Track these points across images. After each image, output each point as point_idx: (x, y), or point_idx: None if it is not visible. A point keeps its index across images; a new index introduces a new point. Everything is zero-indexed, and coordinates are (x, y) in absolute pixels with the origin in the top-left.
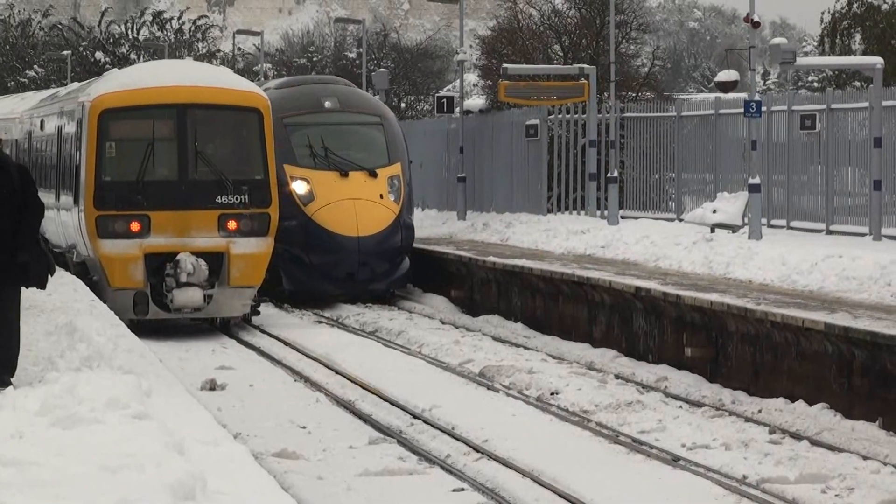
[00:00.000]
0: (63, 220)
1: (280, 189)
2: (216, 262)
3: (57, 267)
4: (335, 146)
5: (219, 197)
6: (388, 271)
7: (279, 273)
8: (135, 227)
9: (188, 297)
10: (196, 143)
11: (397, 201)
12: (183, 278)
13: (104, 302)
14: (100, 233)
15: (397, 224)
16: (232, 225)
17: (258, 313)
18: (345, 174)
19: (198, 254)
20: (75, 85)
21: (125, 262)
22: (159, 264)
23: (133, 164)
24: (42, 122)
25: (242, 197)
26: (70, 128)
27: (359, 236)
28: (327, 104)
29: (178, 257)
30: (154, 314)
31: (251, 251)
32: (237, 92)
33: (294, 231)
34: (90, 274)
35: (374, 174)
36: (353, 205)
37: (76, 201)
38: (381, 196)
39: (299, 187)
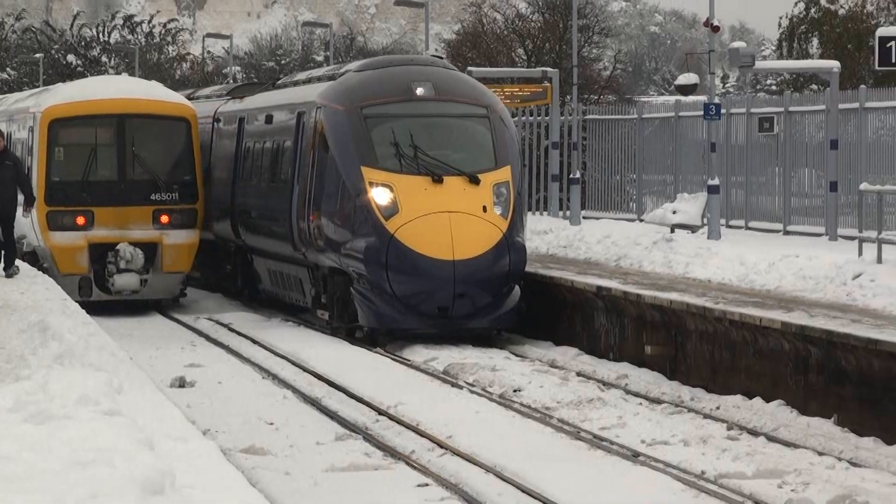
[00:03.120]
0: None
1: (355, 197)
2: (151, 251)
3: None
4: (427, 144)
5: (153, 194)
6: (492, 305)
7: (353, 305)
8: (80, 220)
9: (126, 281)
10: (133, 148)
11: (505, 215)
12: (122, 265)
13: None
14: (50, 226)
15: (504, 244)
16: (164, 219)
17: (185, 295)
18: (438, 180)
19: (135, 244)
20: (18, 95)
21: (72, 251)
22: (101, 253)
23: (78, 166)
24: None
25: (173, 194)
26: (21, 133)
27: (454, 260)
28: (419, 91)
29: (117, 247)
30: (97, 296)
31: (181, 241)
32: (168, 104)
33: (372, 252)
34: (40, 261)
35: (475, 180)
36: (448, 219)
37: None
38: (485, 208)
39: (380, 196)
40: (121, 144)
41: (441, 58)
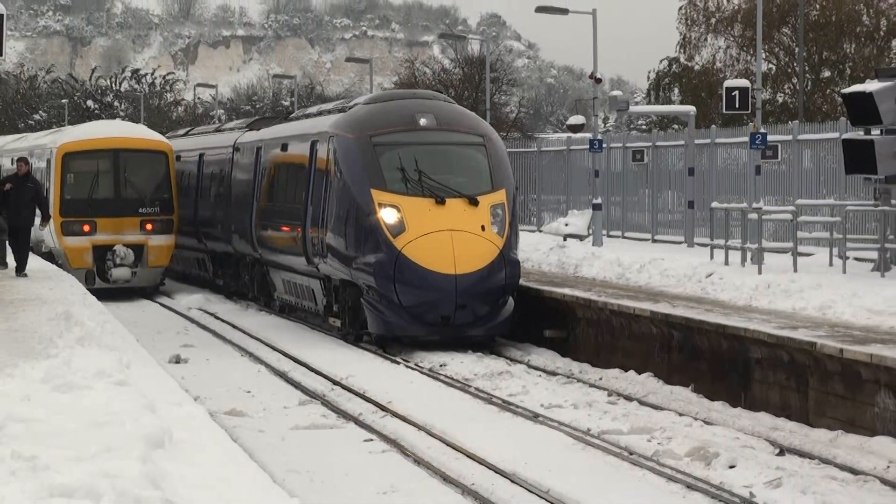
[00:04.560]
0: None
1: (366, 217)
2: (139, 250)
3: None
4: (430, 169)
5: (140, 208)
6: (489, 315)
7: (363, 314)
8: (86, 228)
9: (121, 273)
10: (125, 174)
11: (501, 234)
12: (118, 261)
13: None
14: (63, 232)
15: (501, 260)
16: (149, 226)
17: (164, 284)
18: (441, 201)
19: (127, 245)
20: (37, 133)
21: (80, 251)
22: (102, 252)
23: (84, 188)
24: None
25: (155, 208)
26: (41, 163)
27: (456, 274)
28: (422, 121)
29: (114, 248)
30: (99, 285)
31: (161, 243)
32: (151, 141)
33: (381, 266)
34: (55, 260)
35: (474, 202)
36: (450, 237)
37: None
38: (483, 227)
39: (388, 216)
40: (116, 171)
41: (440, 92)
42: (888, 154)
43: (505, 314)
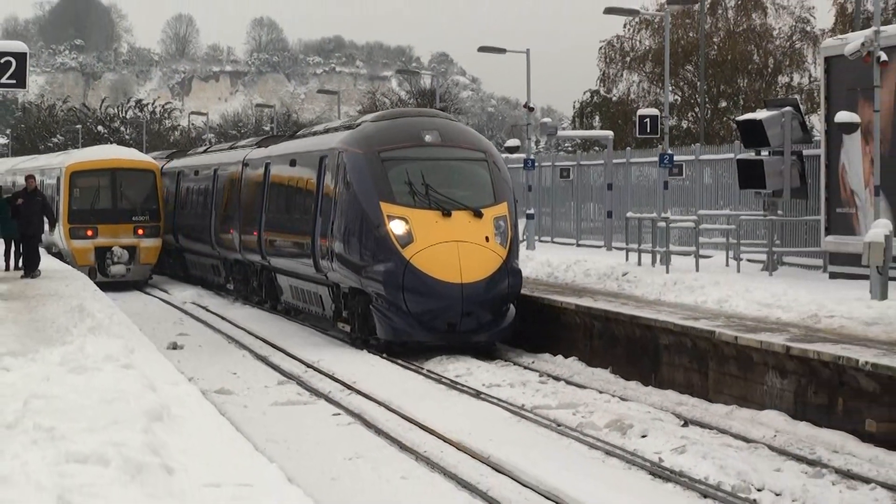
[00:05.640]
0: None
1: (375, 228)
2: (132, 251)
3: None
4: (436, 183)
5: (133, 217)
6: (492, 322)
7: (372, 320)
8: (89, 232)
9: (118, 269)
10: (120, 189)
11: (504, 244)
12: (115, 260)
13: None
14: (71, 236)
15: (504, 270)
16: (140, 231)
17: (151, 278)
18: (447, 214)
19: (123, 247)
20: (48, 155)
21: (85, 251)
22: (102, 252)
23: (88, 200)
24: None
25: (145, 217)
26: (52, 180)
27: (462, 283)
28: (428, 138)
29: (112, 249)
30: (100, 279)
31: (150, 245)
32: (141, 161)
33: (391, 275)
34: (64, 258)
35: (479, 214)
36: (456, 248)
37: (57, 219)
38: (487, 238)
39: (397, 227)
40: (113, 186)
41: (443, 110)
42: (775, 172)
43: (507, 321)
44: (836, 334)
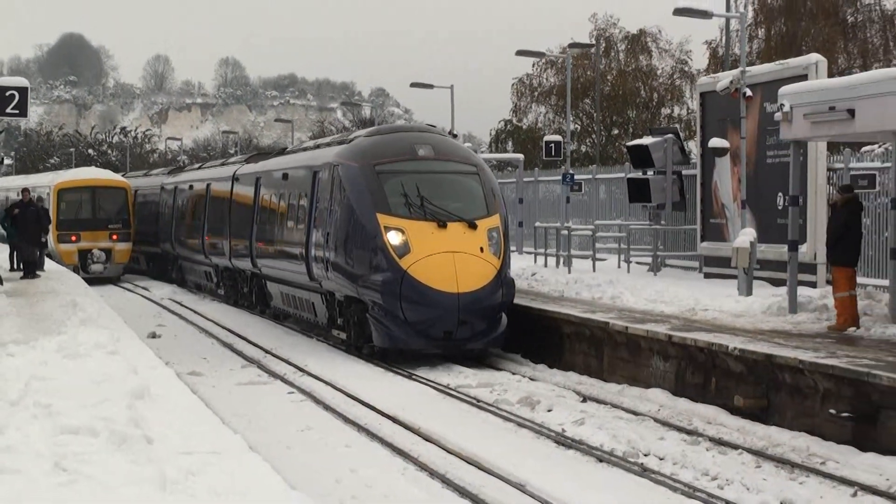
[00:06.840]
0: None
1: (372, 239)
2: (108, 253)
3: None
4: (431, 195)
5: (108, 225)
6: (486, 329)
7: (369, 328)
8: (73, 238)
9: (97, 268)
10: (98, 202)
11: (497, 255)
12: (94, 260)
13: None
14: (59, 241)
15: (498, 279)
16: (114, 237)
17: (123, 273)
18: (443, 225)
19: (101, 250)
20: (39, 174)
21: (70, 253)
22: (84, 254)
23: (73, 212)
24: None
25: (118, 225)
26: (43, 195)
27: (458, 293)
28: (421, 151)
29: (92, 251)
30: (81, 276)
31: (122, 248)
32: (116, 180)
33: (388, 285)
34: (53, 258)
35: (473, 225)
36: (452, 258)
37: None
38: (482, 249)
39: (394, 238)
40: (93, 201)
41: (434, 126)
42: (659, 188)
43: (501, 328)
44: (709, 325)
